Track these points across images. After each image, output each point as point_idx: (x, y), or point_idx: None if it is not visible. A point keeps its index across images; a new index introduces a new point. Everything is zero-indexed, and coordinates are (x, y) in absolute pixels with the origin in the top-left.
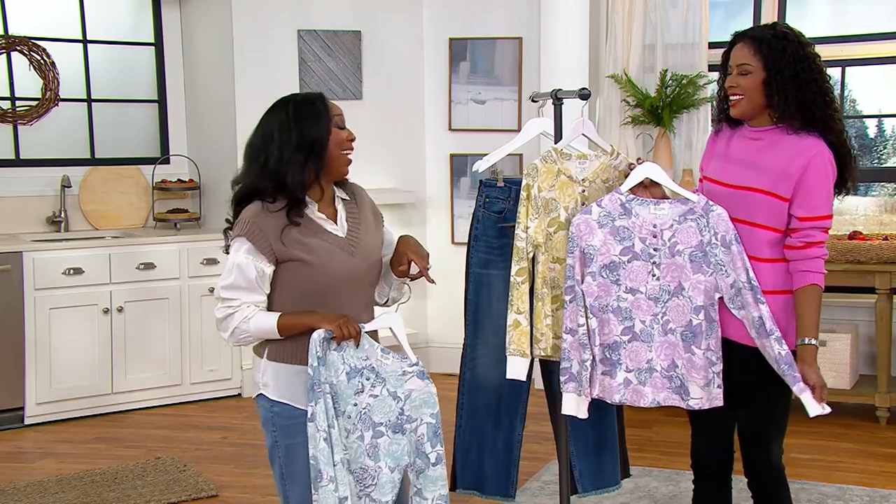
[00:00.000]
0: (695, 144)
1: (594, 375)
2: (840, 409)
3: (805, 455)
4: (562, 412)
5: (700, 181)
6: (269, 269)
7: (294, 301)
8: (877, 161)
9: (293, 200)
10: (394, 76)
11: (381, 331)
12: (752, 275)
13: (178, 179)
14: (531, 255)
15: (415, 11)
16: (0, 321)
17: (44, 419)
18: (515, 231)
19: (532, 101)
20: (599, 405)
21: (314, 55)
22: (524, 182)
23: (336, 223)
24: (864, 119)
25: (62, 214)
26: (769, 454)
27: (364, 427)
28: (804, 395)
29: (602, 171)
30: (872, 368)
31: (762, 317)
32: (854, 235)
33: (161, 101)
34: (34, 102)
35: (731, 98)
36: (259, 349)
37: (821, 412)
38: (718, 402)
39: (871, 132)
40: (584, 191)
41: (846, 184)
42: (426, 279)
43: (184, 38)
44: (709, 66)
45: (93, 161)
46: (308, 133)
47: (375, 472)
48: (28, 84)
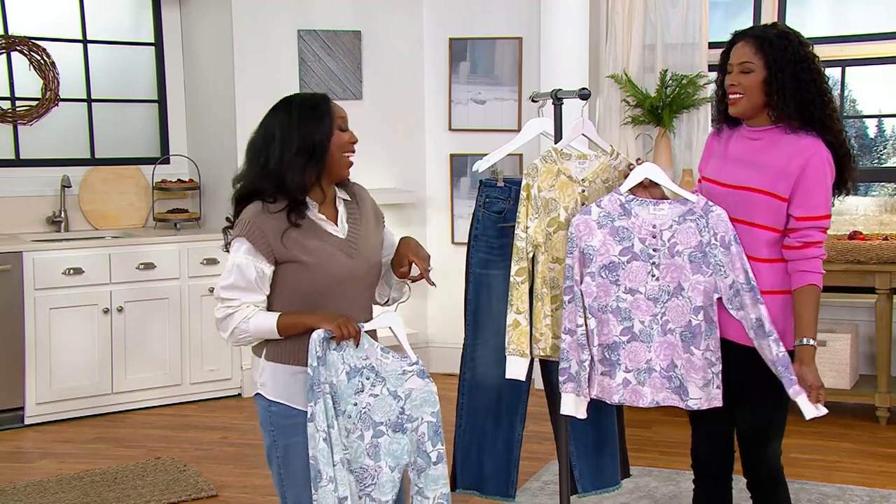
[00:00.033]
0: (695, 144)
1: (593, 376)
2: (840, 409)
3: (805, 455)
4: (560, 412)
5: (699, 181)
6: (269, 270)
7: (293, 302)
8: (877, 161)
9: (293, 202)
10: (394, 76)
11: (381, 330)
12: (751, 276)
13: (178, 179)
14: (531, 255)
15: (415, 11)
16: (0, 321)
17: (44, 419)
18: (515, 231)
19: (532, 101)
20: (599, 405)
21: (314, 55)
22: (524, 182)
23: (336, 224)
24: (864, 119)
25: (62, 214)
26: (768, 454)
27: (364, 426)
28: (799, 398)
29: (602, 172)
30: (872, 368)
31: (760, 318)
32: (854, 235)
33: (161, 101)
34: (34, 102)
35: (731, 96)
36: (257, 349)
37: (816, 414)
38: (717, 403)
39: (871, 132)
40: (584, 191)
41: (846, 184)
42: (427, 281)
43: (184, 38)
44: (709, 66)
45: (93, 161)
46: (310, 136)
47: (376, 472)
48: (28, 84)
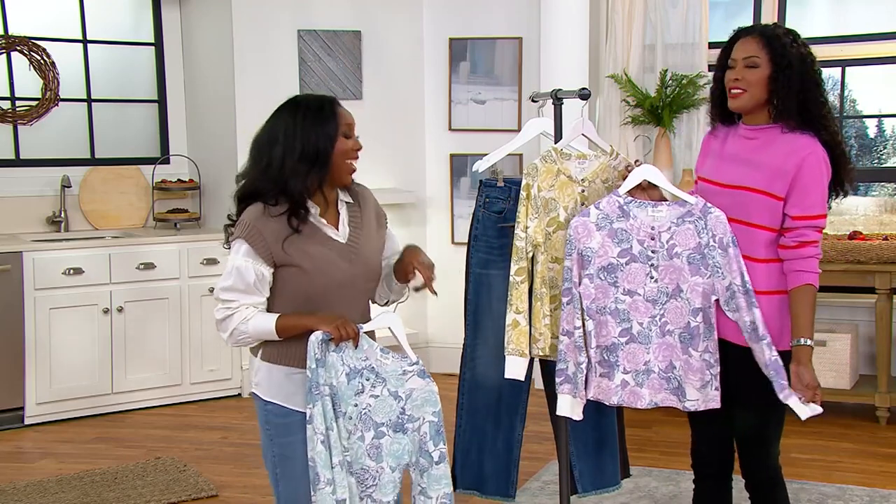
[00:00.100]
0: (695, 144)
1: (591, 377)
2: (840, 409)
3: (805, 455)
4: (556, 413)
5: (695, 182)
6: (268, 272)
7: (292, 304)
8: (877, 161)
9: (294, 205)
10: (394, 76)
11: (381, 331)
12: (747, 278)
13: (178, 179)
14: (530, 255)
15: (415, 11)
16: (0, 321)
17: (44, 419)
18: (515, 231)
19: (532, 101)
20: (599, 405)
21: (314, 55)
22: (524, 182)
23: (337, 228)
24: (864, 119)
25: (62, 214)
26: (766, 454)
27: (365, 427)
28: (790, 400)
29: (601, 172)
30: (872, 368)
31: (755, 321)
32: (854, 235)
33: (161, 101)
34: (34, 102)
35: (733, 91)
36: (254, 349)
37: (811, 414)
38: (715, 405)
39: (871, 132)
40: (584, 191)
41: (842, 186)
42: (429, 290)
43: (184, 38)
44: (709, 66)
45: (93, 161)
46: (313, 142)
47: (377, 473)
48: (28, 84)
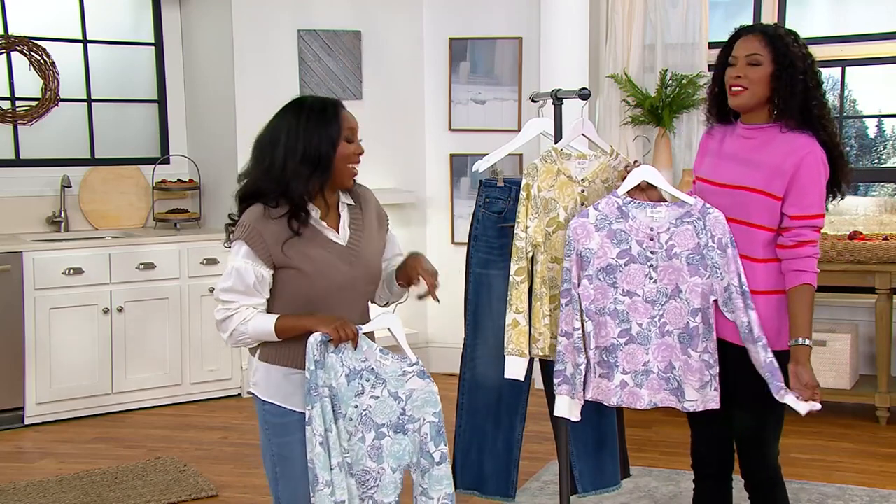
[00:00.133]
0: (695, 144)
1: (590, 378)
2: (840, 409)
3: (805, 455)
4: (554, 414)
5: (693, 182)
6: (268, 274)
7: (291, 306)
8: (877, 161)
9: (295, 207)
10: (394, 76)
11: (380, 331)
12: (744, 280)
13: (178, 179)
14: (530, 255)
15: (415, 11)
16: (0, 321)
17: (44, 419)
18: (515, 230)
19: (532, 101)
20: (599, 405)
21: (314, 55)
22: (524, 181)
23: (338, 231)
24: (864, 119)
25: (62, 214)
26: (765, 454)
27: (365, 429)
28: (787, 398)
29: (601, 172)
30: (872, 368)
31: (750, 323)
32: (854, 235)
33: (161, 101)
34: (34, 102)
35: (734, 88)
36: (252, 349)
37: (809, 408)
38: (714, 405)
39: (871, 132)
40: (584, 191)
41: (839, 187)
42: (433, 297)
43: (184, 38)
44: (709, 66)
45: (93, 161)
46: (315, 146)
47: (378, 474)
48: (28, 84)
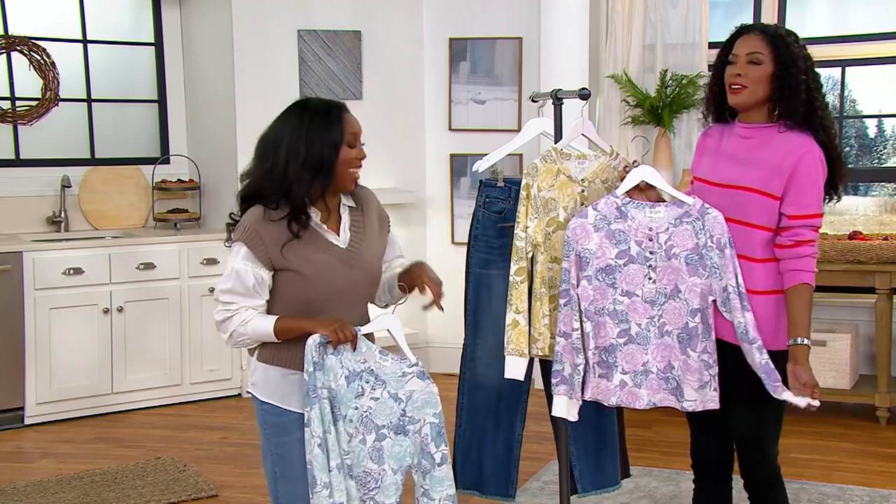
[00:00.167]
0: (695, 144)
1: (588, 378)
2: (840, 409)
3: (805, 455)
4: (552, 414)
5: (691, 182)
6: (268, 276)
7: (291, 309)
8: (877, 161)
9: (295, 210)
10: (394, 76)
11: (380, 332)
12: (741, 280)
13: (178, 179)
14: (530, 255)
15: (415, 11)
16: (0, 321)
17: (44, 419)
18: (515, 231)
19: (532, 101)
20: (599, 405)
21: (314, 55)
22: (524, 181)
23: (338, 233)
24: (864, 119)
25: (62, 214)
26: (764, 454)
27: (366, 430)
28: (785, 395)
29: (601, 172)
30: (872, 368)
31: (746, 324)
32: (854, 235)
33: (161, 101)
34: (34, 102)
35: (733, 86)
36: (251, 349)
37: (808, 402)
38: (713, 405)
39: (871, 132)
40: (584, 191)
41: (836, 188)
42: (437, 307)
43: (184, 38)
44: (709, 66)
45: (93, 161)
46: (318, 152)
47: (379, 475)
48: (28, 84)
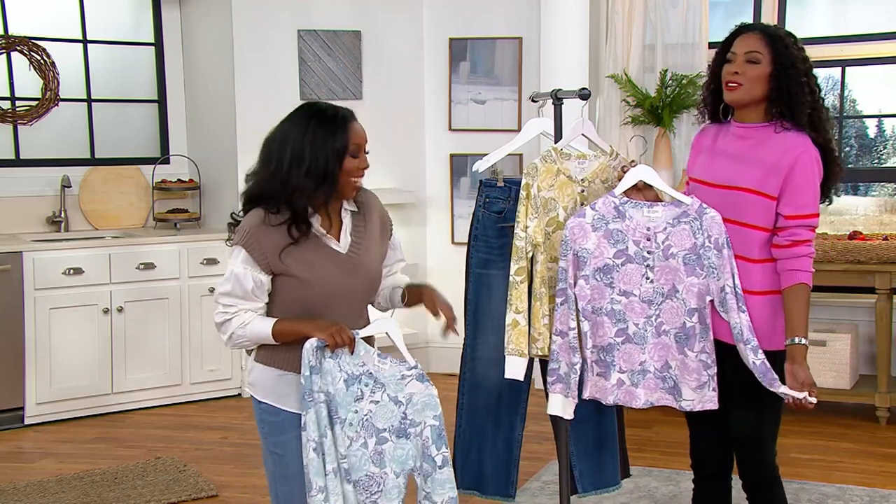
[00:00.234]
0: None
1: (587, 377)
2: (840, 409)
3: (805, 455)
4: (547, 412)
5: (686, 183)
6: (267, 279)
7: (289, 312)
8: (877, 161)
9: (295, 215)
10: (394, 76)
11: (379, 335)
12: (738, 281)
13: (178, 179)
14: (530, 255)
15: (415, 11)
16: (0, 321)
17: (44, 419)
18: (515, 230)
19: (532, 101)
20: (599, 405)
21: (314, 55)
22: (524, 181)
23: (339, 238)
24: (864, 119)
25: (62, 214)
26: (763, 454)
27: (367, 434)
28: (781, 390)
29: (601, 172)
30: (872, 368)
31: (741, 325)
32: (854, 235)
33: (161, 101)
34: (34, 102)
35: (730, 84)
36: (249, 350)
37: (805, 396)
38: (712, 405)
39: (871, 132)
40: (584, 191)
41: (830, 190)
42: (454, 331)
43: (184, 38)
44: (708, 66)
45: (93, 161)
46: (321, 162)
47: (381, 479)
48: (28, 84)
